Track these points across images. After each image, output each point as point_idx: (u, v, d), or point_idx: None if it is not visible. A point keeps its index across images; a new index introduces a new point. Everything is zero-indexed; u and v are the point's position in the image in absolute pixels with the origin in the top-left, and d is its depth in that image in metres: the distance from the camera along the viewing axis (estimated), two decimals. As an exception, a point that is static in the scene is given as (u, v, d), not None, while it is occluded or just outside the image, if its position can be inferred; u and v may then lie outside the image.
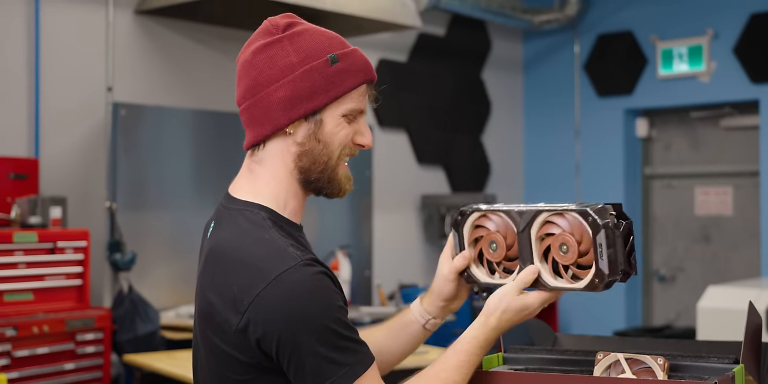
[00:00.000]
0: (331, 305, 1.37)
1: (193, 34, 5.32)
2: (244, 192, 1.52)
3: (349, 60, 1.50)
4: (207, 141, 5.16)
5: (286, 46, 1.48)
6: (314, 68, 1.47)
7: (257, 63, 1.49)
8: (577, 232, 1.48)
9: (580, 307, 7.07)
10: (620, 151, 7.00)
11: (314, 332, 1.34)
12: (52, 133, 4.74)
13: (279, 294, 1.35)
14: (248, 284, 1.37)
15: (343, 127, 1.51)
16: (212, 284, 1.44)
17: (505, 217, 1.57)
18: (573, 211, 1.49)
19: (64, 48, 4.81)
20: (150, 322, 4.55)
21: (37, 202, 4.30)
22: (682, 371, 1.51)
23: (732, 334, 3.94)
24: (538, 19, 6.91)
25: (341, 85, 1.49)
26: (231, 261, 1.42)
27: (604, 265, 1.45)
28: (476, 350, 1.50)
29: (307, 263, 1.39)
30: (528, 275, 1.51)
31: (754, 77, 6.29)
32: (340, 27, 5.42)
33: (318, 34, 1.52)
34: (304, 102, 1.47)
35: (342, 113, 1.50)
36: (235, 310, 1.38)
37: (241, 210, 1.49)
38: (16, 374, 3.96)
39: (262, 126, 1.49)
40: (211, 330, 1.43)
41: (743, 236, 6.65)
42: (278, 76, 1.47)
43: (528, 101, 7.50)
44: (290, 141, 1.49)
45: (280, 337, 1.35)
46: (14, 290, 4.08)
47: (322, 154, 1.49)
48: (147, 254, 4.85)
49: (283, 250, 1.40)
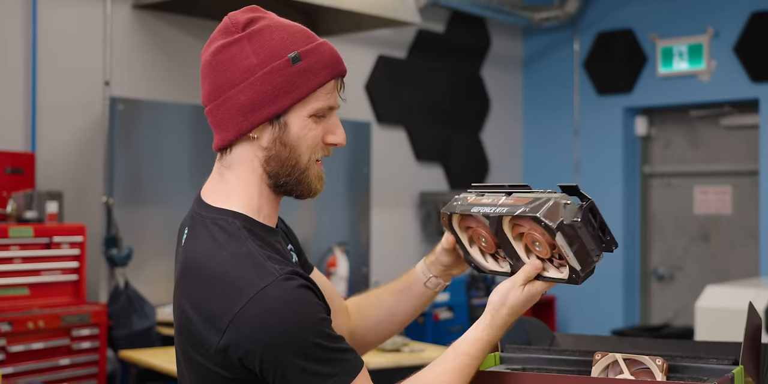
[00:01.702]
0: (312, 319, 1.33)
1: (190, 28, 5.30)
2: (216, 197, 1.48)
3: (312, 57, 1.43)
4: (204, 136, 5.14)
5: (245, 47, 1.42)
6: (275, 69, 1.41)
7: (217, 65, 1.43)
8: (538, 230, 1.45)
9: (578, 306, 7.06)
10: (619, 150, 6.99)
11: (297, 348, 1.31)
12: (49, 127, 4.72)
13: (259, 312, 1.31)
14: (226, 302, 1.33)
15: (311, 129, 1.44)
16: (189, 298, 1.40)
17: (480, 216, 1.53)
18: (527, 217, 1.45)
19: (61, 42, 4.79)
20: (146, 318, 4.54)
21: (34, 197, 4.28)
22: (680, 372, 1.50)
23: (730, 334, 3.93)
24: (537, 17, 6.90)
25: (305, 86, 1.42)
26: (208, 277, 1.38)
27: (574, 262, 1.43)
28: (479, 353, 1.45)
29: (286, 277, 1.34)
30: (532, 270, 1.46)
31: (754, 76, 6.28)
32: (338, 23, 5.41)
33: (279, 31, 1.44)
34: (266, 106, 1.41)
35: (308, 114, 1.44)
36: (214, 329, 1.34)
37: (215, 219, 1.44)
38: (10, 369, 3.94)
39: (226, 131, 1.45)
40: (191, 345, 1.40)
41: (742, 236, 6.64)
42: (238, 80, 1.41)
43: (527, 99, 7.49)
44: (256, 145, 1.45)
45: (263, 354, 1.32)
46: (10, 285, 4.07)
47: (290, 157, 1.44)
48: (143, 250, 4.84)
49: (260, 265, 1.36)
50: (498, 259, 1.58)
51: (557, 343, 1.79)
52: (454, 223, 1.61)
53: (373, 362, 3.90)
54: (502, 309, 1.46)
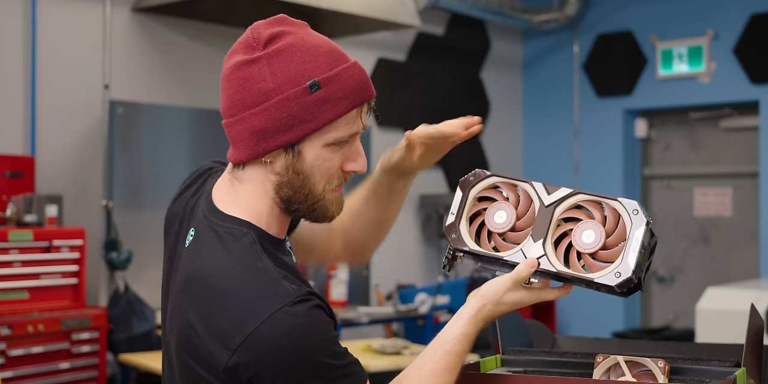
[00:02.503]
0: (325, 341, 1.30)
1: (190, 31, 5.30)
2: (229, 205, 1.43)
3: (334, 85, 1.35)
4: (204, 139, 5.14)
5: (263, 68, 1.34)
6: (291, 97, 1.33)
7: (234, 81, 1.38)
8: (610, 223, 1.41)
9: (579, 308, 7.05)
10: (619, 152, 6.98)
11: (311, 370, 1.29)
12: (49, 130, 4.71)
13: (273, 334, 1.27)
14: (240, 321, 1.29)
15: (326, 159, 1.37)
16: (197, 311, 1.35)
17: (530, 189, 1.49)
18: (616, 201, 1.41)
19: (61, 45, 4.79)
20: (146, 322, 4.54)
21: (33, 201, 4.28)
22: (682, 374, 1.49)
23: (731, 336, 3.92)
24: (537, 19, 6.90)
25: (322, 116, 1.34)
26: (219, 292, 1.33)
27: (632, 260, 1.37)
28: (467, 347, 1.42)
29: (302, 299, 1.30)
30: (526, 269, 1.40)
31: (754, 78, 6.27)
32: (338, 26, 5.41)
33: (301, 53, 1.35)
34: (280, 133, 1.34)
35: (325, 143, 1.36)
36: (224, 346, 1.30)
37: (229, 228, 1.39)
38: (10, 373, 3.93)
39: (239, 150, 1.39)
40: (194, 360, 1.35)
41: (742, 237, 6.63)
42: (253, 102, 1.35)
43: (527, 101, 7.49)
44: (269, 169, 1.39)
45: (276, 376, 1.29)
46: (9, 289, 4.06)
47: (303, 186, 1.38)
48: (143, 253, 4.83)
49: (276, 284, 1.31)
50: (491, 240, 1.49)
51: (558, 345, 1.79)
52: (477, 188, 1.52)
53: (373, 365, 3.89)
54: (489, 303, 1.41)
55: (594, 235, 1.41)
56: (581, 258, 1.43)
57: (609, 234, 1.41)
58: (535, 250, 1.43)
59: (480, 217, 1.50)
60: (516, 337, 1.70)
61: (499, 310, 1.42)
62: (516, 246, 1.46)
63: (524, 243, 1.45)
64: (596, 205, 1.44)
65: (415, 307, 5.51)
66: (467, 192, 1.51)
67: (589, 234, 1.42)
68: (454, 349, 1.40)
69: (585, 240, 1.42)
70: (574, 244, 1.43)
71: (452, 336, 1.41)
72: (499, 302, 1.41)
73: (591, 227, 1.42)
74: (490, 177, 1.52)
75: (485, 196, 1.52)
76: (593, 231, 1.41)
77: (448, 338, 1.41)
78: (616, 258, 1.40)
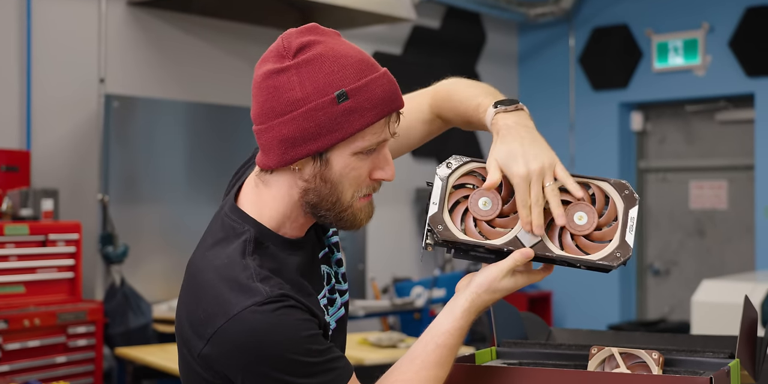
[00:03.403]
0: (296, 339, 1.31)
1: (186, 25, 5.29)
2: (247, 204, 1.46)
3: (361, 95, 1.36)
4: (200, 133, 5.14)
5: (292, 77, 1.36)
6: (318, 107, 1.35)
7: (264, 89, 1.39)
8: (599, 204, 1.42)
9: (574, 300, 7.07)
10: (615, 145, 6.99)
11: (281, 366, 1.30)
12: (44, 125, 4.71)
13: (240, 331, 1.30)
14: (212, 314, 1.33)
15: (354, 167, 1.39)
16: (184, 297, 1.42)
17: None
18: (606, 182, 1.42)
19: (56, 39, 4.78)
20: (142, 316, 4.54)
21: (29, 195, 4.27)
22: (677, 366, 1.50)
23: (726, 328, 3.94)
24: (533, 12, 6.90)
25: (349, 126, 1.36)
26: (202, 282, 1.38)
27: (631, 241, 1.38)
28: (460, 340, 1.42)
29: (272, 300, 1.32)
30: (522, 259, 1.40)
31: (750, 71, 6.28)
32: (333, 19, 5.40)
33: (330, 63, 1.37)
34: (308, 143, 1.36)
35: (353, 152, 1.38)
36: (199, 335, 1.34)
37: (233, 223, 1.43)
38: (6, 367, 3.94)
39: (268, 157, 1.40)
40: (182, 342, 1.41)
41: (737, 230, 6.65)
42: (281, 111, 1.36)
43: (523, 94, 7.49)
44: (297, 175, 1.40)
45: (244, 370, 1.32)
46: (5, 283, 4.06)
47: (331, 194, 1.40)
48: (139, 247, 4.83)
49: (251, 284, 1.33)
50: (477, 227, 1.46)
51: (553, 337, 1.79)
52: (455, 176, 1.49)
53: (369, 358, 3.90)
54: (484, 293, 1.41)
55: (586, 217, 1.42)
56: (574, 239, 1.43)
57: (600, 214, 1.42)
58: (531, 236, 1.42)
59: (461, 205, 1.47)
60: (511, 330, 1.71)
61: (493, 298, 1.42)
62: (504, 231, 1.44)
63: (517, 228, 1.43)
64: (582, 187, 1.44)
65: (411, 300, 5.52)
66: (446, 180, 1.49)
67: (581, 215, 1.42)
68: (446, 343, 1.41)
69: (578, 222, 1.42)
70: (567, 228, 1.42)
71: (444, 329, 1.41)
72: (494, 290, 1.42)
73: (583, 209, 1.42)
74: (469, 163, 1.50)
75: (462, 183, 1.49)
76: (585, 213, 1.42)
77: (439, 331, 1.41)
78: (608, 237, 1.40)
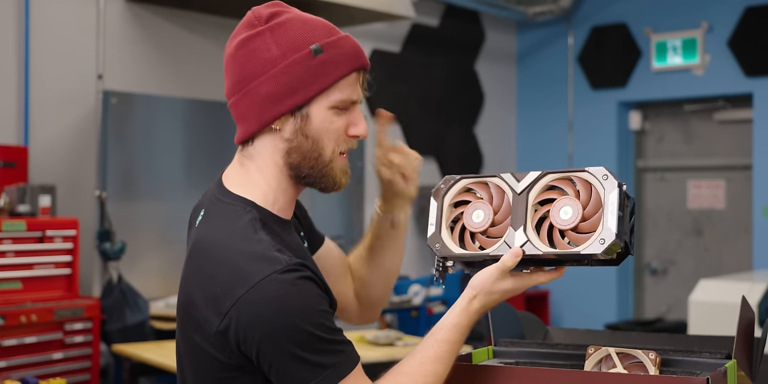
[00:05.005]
0: (313, 310, 1.34)
1: (184, 22, 5.28)
2: (237, 184, 1.50)
3: (334, 49, 1.44)
4: (198, 130, 5.13)
5: (267, 39, 1.43)
6: (296, 61, 1.42)
7: (239, 57, 1.45)
8: (584, 195, 1.41)
9: (572, 300, 7.07)
10: (613, 144, 6.99)
11: (296, 337, 1.32)
12: (42, 121, 4.70)
13: (261, 298, 1.32)
14: (231, 286, 1.35)
15: (332, 121, 1.45)
16: (196, 280, 1.42)
17: (500, 182, 1.49)
18: (584, 172, 1.42)
19: (54, 35, 4.77)
20: (139, 312, 4.53)
21: (26, 191, 4.27)
22: (673, 366, 1.49)
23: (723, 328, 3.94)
24: (532, 11, 6.89)
25: (326, 77, 1.43)
26: (217, 259, 1.39)
27: (612, 224, 1.37)
28: (458, 337, 1.44)
29: (292, 268, 1.35)
30: (510, 259, 1.41)
31: (748, 71, 6.28)
32: (332, 17, 5.39)
33: (301, 24, 1.46)
34: (288, 97, 1.42)
35: (330, 105, 1.45)
36: (216, 311, 1.36)
37: (233, 205, 1.46)
38: (3, 363, 3.93)
39: (249, 122, 1.46)
40: (192, 327, 1.42)
41: (735, 230, 6.65)
42: (260, 71, 1.43)
43: (521, 93, 7.49)
44: (278, 137, 1.46)
45: (261, 341, 1.33)
46: (2, 279, 4.05)
47: (313, 149, 1.45)
48: (137, 244, 4.83)
49: (269, 253, 1.37)
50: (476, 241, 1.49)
51: (550, 337, 1.79)
52: (450, 195, 1.53)
53: (366, 356, 3.89)
54: (480, 293, 1.44)
55: (571, 210, 1.42)
56: (565, 236, 1.42)
57: (585, 205, 1.41)
58: (518, 238, 1.44)
59: (459, 222, 1.51)
60: (508, 329, 1.71)
61: (491, 300, 1.45)
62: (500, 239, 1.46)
63: (506, 234, 1.45)
64: (567, 181, 1.45)
65: (408, 298, 5.52)
66: (441, 200, 1.53)
67: (566, 210, 1.42)
68: (445, 338, 1.43)
69: (563, 217, 1.42)
70: (554, 224, 1.43)
71: (443, 325, 1.45)
72: (490, 292, 1.44)
73: (567, 203, 1.42)
74: (460, 181, 1.53)
75: (460, 200, 1.53)
76: (569, 206, 1.42)
77: (439, 327, 1.45)
78: (597, 227, 1.39)
